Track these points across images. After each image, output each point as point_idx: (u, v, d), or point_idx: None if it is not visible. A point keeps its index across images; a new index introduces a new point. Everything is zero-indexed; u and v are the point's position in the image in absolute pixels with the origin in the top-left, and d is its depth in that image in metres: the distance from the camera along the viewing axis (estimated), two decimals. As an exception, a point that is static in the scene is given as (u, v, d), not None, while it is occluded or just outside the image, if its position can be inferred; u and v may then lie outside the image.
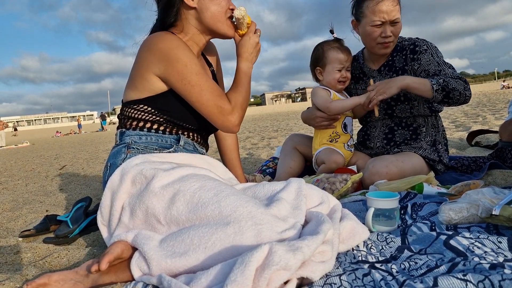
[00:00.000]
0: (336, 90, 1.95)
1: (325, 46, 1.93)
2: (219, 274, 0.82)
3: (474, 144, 2.92)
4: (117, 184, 1.19)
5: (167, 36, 1.31)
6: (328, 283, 0.82)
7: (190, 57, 1.30)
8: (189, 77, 1.29)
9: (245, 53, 1.40)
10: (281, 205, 1.04)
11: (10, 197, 2.73)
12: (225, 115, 1.33)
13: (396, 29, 1.82)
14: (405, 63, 1.90)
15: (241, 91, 1.38)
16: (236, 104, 1.35)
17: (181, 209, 1.03)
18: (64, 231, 1.54)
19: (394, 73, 1.92)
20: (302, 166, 2.14)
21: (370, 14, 1.79)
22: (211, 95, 1.31)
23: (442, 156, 1.89)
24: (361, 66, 2.05)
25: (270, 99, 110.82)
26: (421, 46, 1.86)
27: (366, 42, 1.91)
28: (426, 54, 1.84)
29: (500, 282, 0.71)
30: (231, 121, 1.34)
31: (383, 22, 1.78)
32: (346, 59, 1.90)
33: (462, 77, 1.72)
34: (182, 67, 1.28)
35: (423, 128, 1.92)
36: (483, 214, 1.09)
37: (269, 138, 6.03)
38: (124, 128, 1.40)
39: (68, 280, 1.01)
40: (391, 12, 1.77)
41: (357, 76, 2.07)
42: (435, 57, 1.83)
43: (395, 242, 1.05)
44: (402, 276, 0.84)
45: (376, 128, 2.00)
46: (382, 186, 1.55)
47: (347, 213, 1.12)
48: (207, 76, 1.33)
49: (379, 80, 1.95)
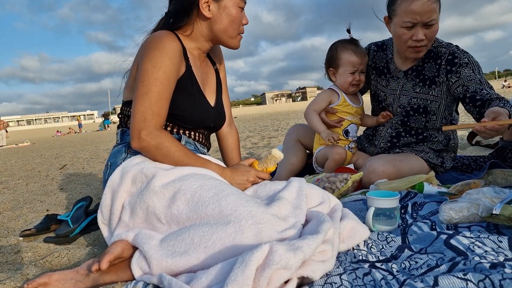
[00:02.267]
0: (348, 93, 1.93)
1: (339, 47, 1.87)
2: (220, 274, 0.82)
3: (474, 143, 2.92)
4: (118, 183, 1.19)
5: (164, 37, 1.28)
6: (329, 282, 0.82)
7: (165, 63, 1.24)
8: (147, 77, 1.23)
9: (239, 178, 1.28)
10: (281, 205, 1.04)
11: (10, 196, 2.73)
12: (142, 127, 1.20)
13: (431, 32, 1.62)
14: (438, 73, 1.73)
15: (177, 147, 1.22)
16: (158, 137, 1.20)
17: (181, 208, 1.03)
18: (64, 231, 1.54)
19: (422, 81, 1.77)
20: (304, 162, 2.11)
21: (402, 14, 1.60)
22: (149, 104, 1.21)
23: (445, 163, 1.86)
24: (388, 60, 1.89)
25: (270, 99, 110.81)
26: (461, 58, 1.68)
27: (397, 44, 1.75)
28: (467, 68, 1.66)
29: (501, 281, 0.71)
30: (140, 135, 1.19)
31: (414, 24, 1.59)
32: (360, 62, 1.83)
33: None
34: (150, 66, 1.24)
35: (435, 138, 1.83)
36: (484, 213, 1.09)
37: (269, 137, 6.03)
38: (125, 127, 1.40)
39: (69, 279, 1.01)
40: (426, 14, 1.56)
41: (381, 68, 1.92)
42: (476, 73, 1.65)
43: (396, 242, 1.05)
44: (402, 275, 0.84)
45: (384, 128, 1.92)
46: (383, 185, 1.55)
47: (348, 212, 1.12)
48: (164, 90, 1.24)
49: (404, 83, 1.82)
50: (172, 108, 1.34)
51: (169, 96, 1.27)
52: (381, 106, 1.93)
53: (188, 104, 1.36)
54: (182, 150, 1.23)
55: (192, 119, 1.40)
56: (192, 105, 1.37)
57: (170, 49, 1.27)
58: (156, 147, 1.21)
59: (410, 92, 1.81)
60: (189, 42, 1.41)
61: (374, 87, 1.97)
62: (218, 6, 1.35)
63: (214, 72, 1.57)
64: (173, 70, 1.27)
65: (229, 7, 1.35)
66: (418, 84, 1.79)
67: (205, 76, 1.49)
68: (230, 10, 1.35)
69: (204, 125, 1.46)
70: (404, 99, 1.82)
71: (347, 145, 1.94)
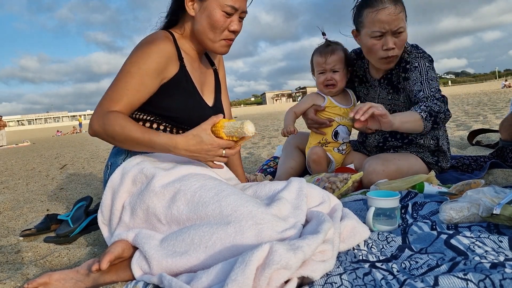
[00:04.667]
0: (325, 93, 1.92)
1: (313, 51, 1.92)
2: (220, 273, 0.82)
3: (475, 143, 2.92)
4: (118, 184, 1.19)
5: (157, 39, 1.28)
6: (329, 282, 0.82)
7: (145, 63, 1.23)
8: (122, 69, 1.25)
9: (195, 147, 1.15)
10: (281, 205, 1.04)
11: (11, 196, 2.73)
12: (95, 112, 1.22)
13: (400, 41, 1.62)
14: (398, 80, 1.77)
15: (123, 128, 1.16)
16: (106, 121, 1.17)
17: (181, 209, 1.03)
18: (64, 230, 1.54)
19: (392, 88, 1.81)
20: (303, 166, 2.13)
21: (370, 24, 1.61)
22: (110, 91, 1.22)
23: (440, 162, 1.86)
24: (365, 68, 1.92)
25: (270, 98, 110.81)
26: (413, 63, 1.70)
27: (368, 56, 1.74)
28: (415, 72, 1.68)
29: (501, 281, 0.71)
30: (92, 121, 1.21)
31: (383, 33, 1.60)
32: (324, 61, 1.83)
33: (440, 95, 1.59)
34: (130, 61, 1.25)
35: (420, 140, 1.82)
36: (484, 213, 1.08)
37: (270, 137, 6.03)
38: None
39: (69, 279, 1.01)
40: (393, 22, 1.57)
41: (360, 77, 1.96)
42: (423, 74, 1.66)
43: (396, 242, 1.05)
44: (402, 275, 0.84)
45: (373, 135, 1.95)
46: (383, 185, 1.55)
47: (348, 212, 1.12)
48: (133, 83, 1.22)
49: (379, 91, 1.86)
50: (167, 109, 1.33)
51: (138, 89, 1.23)
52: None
53: (184, 105, 1.35)
54: (127, 127, 1.15)
55: (189, 120, 1.39)
56: (189, 106, 1.36)
57: (157, 49, 1.25)
58: (104, 130, 1.17)
59: (385, 99, 1.85)
60: (184, 42, 1.40)
61: (357, 94, 2.02)
62: (200, 5, 1.31)
63: (212, 72, 1.56)
64: (153, 68, 1.25)
65: (210, 10, 1.28)
66: (389, 92, 1.83)
67: (203, 77, 1.48)
68: (211, 12, 1.28)
69: None
70: None
71: (336, 147, 1.93)
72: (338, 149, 1.94)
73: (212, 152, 1.16)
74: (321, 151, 1.86)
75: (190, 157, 1.17)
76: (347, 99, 1.97)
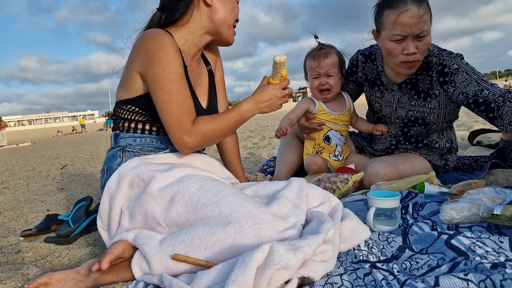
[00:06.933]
0: (320, 99, 1.88)
1: (306, 56, 1.87)
2: (220, 274, 0.82)
3: (475, 143, 2.92)
4: (115, 189, 1.17)
5: (160, 36, 1.24)
6: (329, 282, 0.82)
7: (172, 62, 1.23)
8: (162, 82, 1.22)
9: (260, 98, 1.33)
10: (281, 204, 1.04)
11: (11, 196, 2.73)
12: (181, 133, 1.22)
13: (423, 45, 1.51)
14: (431, 86, 1.65)
15: (216, 122, 1.27)
16: (199, 131, 1.24)
17: (180, 211, 1.03)
18: (65, 231, 1.54)
19: (417, 94, 1.69)
20: (302, 158, 2.10)
21: (390, 27, 1.50)
22: (177, 108, 1.22)
23: (449, 165, 1.86)
24: (379, 72, 1.79)
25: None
26: (450, 66, 1.57)
27: (388, 59, 1.63)
28: (459, 74, 1.55)
29: (502, 281, 0.70)
30: (184, 141, 1.23)
31: (404, 37, 1.49)
32: (318, 65, 1.78)
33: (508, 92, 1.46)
34: (161, 70, 1.22)
35: (436, 144, 1.79)
36: (485, 213, 1.08)
37: (270, 137, 6.03)
38: (118, 130, 1.36)
39: (69, 279, 1.01)
40: (416, 25, 1.45)
41: (372, 80, 1.84)
42: (471, 75, 1.53)
43: (396, 242, 1.05)
44: (403, 275, 0.84)
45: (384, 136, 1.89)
46: (383, 185, 1.55)
47: (348, 212, 1.12)
48: (183, 88, 1.25)
49: (399, 95, 1.75)
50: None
51: (189, 93, 1.28)
52: (376, 116, 1.90)
53: None
54: (221, 121, 1.28)
55: None
56: None
57: (172, 46, 1.24)
58: (204, 139, 1.26)
59: (406, 104, 1.76)
60: (182, 37, 1.36)
61: (368, 97, 1.93)
62: None
63: (206, 72, 1.52)
64: (180, 66, 1.26)
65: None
66: (413, 97, 1.72)
67: (197, 77, 1.45)
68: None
69: None
70: (401, 111, 1.78)
71: (331, 152, 1.90)
72: (334, 154, 1.90)
73: (279, 95, 1.34)
74: (321, 160, 1.85)
75: (268, 107, 1.34)
76: (341, 104, 1.92)
